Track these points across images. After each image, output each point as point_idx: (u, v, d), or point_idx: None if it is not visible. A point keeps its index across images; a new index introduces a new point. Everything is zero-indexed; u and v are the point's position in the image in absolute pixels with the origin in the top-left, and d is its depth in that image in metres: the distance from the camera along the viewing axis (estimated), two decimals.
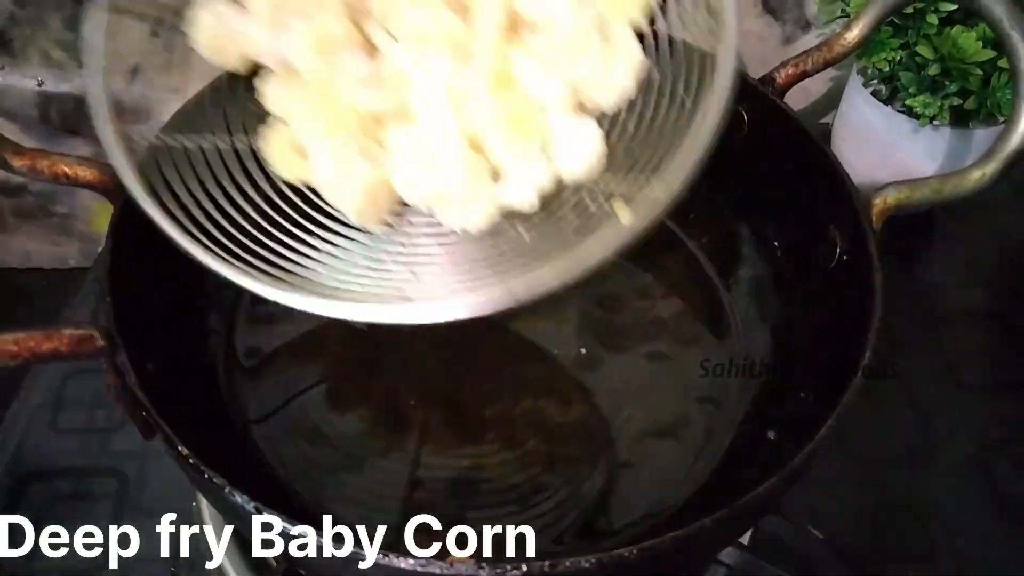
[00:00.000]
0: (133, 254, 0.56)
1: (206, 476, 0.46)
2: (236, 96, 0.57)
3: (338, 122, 0.51)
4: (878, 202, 0.59)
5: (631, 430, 0.63)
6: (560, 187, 0.52)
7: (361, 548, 0.42)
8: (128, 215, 0.57)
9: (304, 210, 0.53)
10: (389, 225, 0.52)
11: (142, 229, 0.58)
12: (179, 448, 0.47)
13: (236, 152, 0.54)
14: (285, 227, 0.52)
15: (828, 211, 0.62)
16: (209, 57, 0.56)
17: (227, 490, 0.45)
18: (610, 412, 0.64)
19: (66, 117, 1.01)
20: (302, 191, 0.53)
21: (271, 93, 0.54)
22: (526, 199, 0.51)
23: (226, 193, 0.52)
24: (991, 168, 0.58)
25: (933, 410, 0.81)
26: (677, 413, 0.64)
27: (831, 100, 1.01)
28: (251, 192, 0.53)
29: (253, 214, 0.52)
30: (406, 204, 0.53)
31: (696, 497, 0.59)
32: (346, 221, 0.52)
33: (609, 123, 0.53)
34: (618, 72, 0.52)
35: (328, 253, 0.51)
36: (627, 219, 0.46)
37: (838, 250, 0.61)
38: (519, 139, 0.51)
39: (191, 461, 0.46)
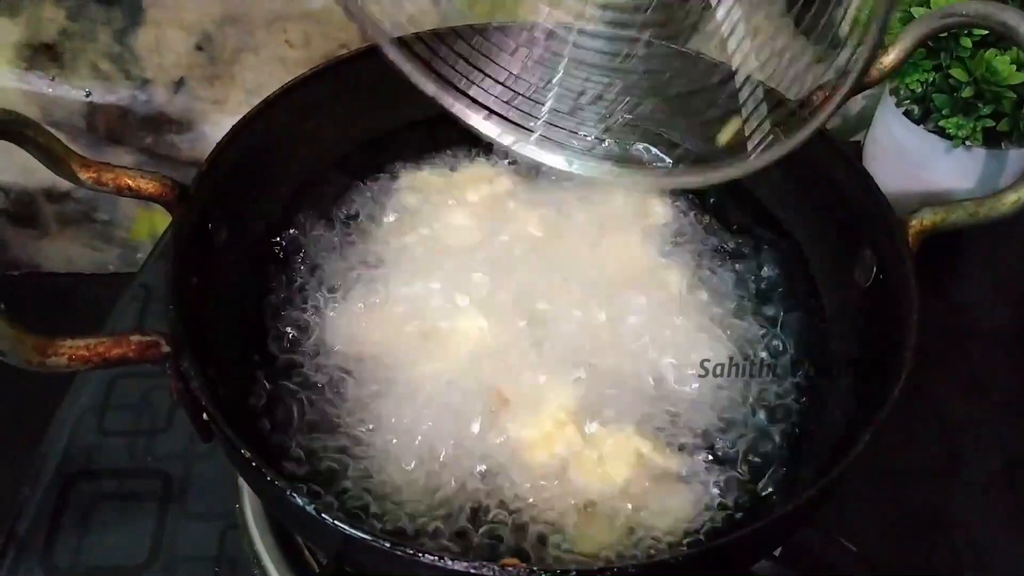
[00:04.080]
0: (192, 264, 0.58)
1: (268, 478, 0.48)
2: None
3: None
4: (914, 223, 0.60)
5: None
6: None
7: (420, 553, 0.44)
8: (186, 227, 0.60)
9: None
10: None
11: (200, 240, 0.61)
12: (241, 451, 0.48)
13: None
14: None
15: (864, 231, 0.64)
16: None
17: (288, 492, 0.47)
18: None
19: (112, 127, 1.03)
20: None
21: None
22: None
23: None
24: None
25: (961, 425, 0.82)
26: None
27: (863, 119, 1.02)
28: None
29: None
30: None
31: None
32: None
33: None
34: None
35: None
36: None
37: (874, 270, 0.62)
38: None
39: (252, 464, 0.48)
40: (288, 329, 0.65)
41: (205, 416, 0.52)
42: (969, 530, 0.75)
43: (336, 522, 0.46)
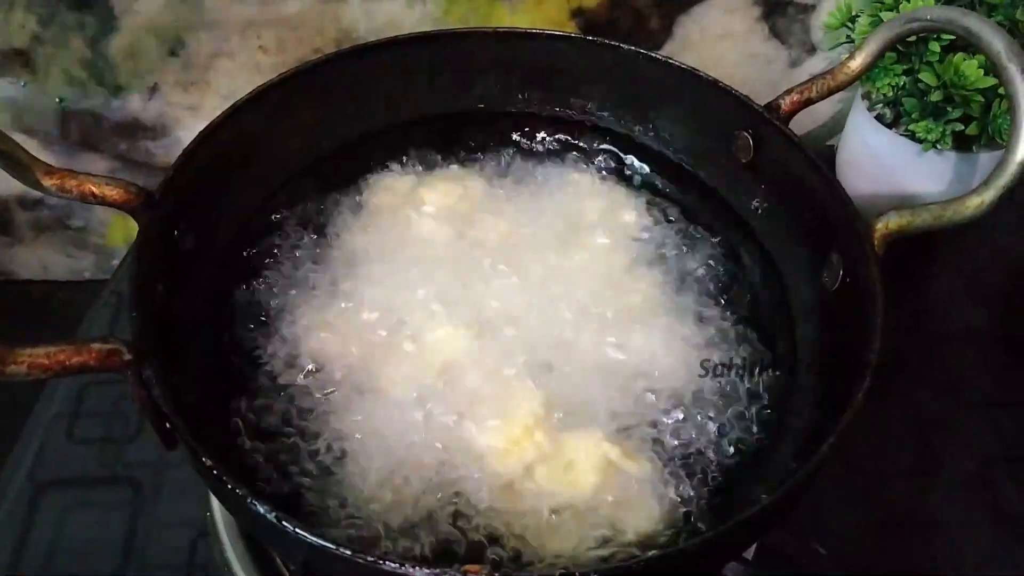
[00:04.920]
0: (157, 271, 0.58)
1: (229, 486, 0.47)
2: None
3: None
4: (880, 227, 0.61)
5: None
6: None
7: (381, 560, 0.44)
8: (152, 234, 0.59)
9: None
10: None
11: (166, 247, 0.61)
12: (202, 459, 0.48)
13: None
14: None
15: (832, 235, 0.64)
16: None
17: (249, 500, 0.47)
18: None
19: (85, 134, 1.03)
20: None
21: None
22: None
23: None
24: (989, 195, 0.59)
25: (935, 427, 0.83)
26: None
27: (837, 122, 1.03)
28: None
29: None
30: None
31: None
32: None
33: None
34: None
35: None
36: None
37: (841, 273, 0.62)
38: None
39: (214, 472, 0.48)
40: (257, 336, 0.65)
41: (168, 424, 0.51)
42: (945, 530, 0.76)
43: (297, 530, 0.46)
